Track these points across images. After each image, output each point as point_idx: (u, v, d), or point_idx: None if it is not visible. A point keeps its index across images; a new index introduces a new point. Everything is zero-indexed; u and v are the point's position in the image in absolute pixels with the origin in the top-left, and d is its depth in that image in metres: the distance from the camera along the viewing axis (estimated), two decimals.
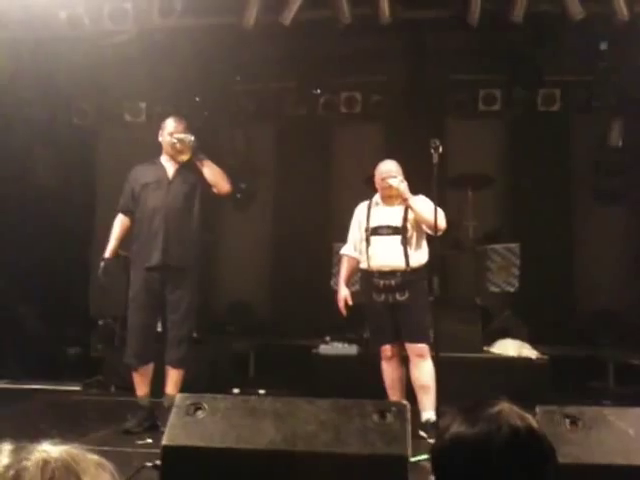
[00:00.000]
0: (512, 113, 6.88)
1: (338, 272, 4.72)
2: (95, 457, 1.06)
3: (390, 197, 4.46)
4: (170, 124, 4.70)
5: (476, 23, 5.41)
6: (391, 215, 4.43)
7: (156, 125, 7.13)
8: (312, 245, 6.98)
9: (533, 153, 7.08)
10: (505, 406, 1.27)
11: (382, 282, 4.32)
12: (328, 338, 6.03)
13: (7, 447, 1.03)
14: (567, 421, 2.82)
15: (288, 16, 5.51)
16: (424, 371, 4.20)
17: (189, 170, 4.64)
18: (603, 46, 6.12)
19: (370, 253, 4.40)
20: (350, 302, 4.48)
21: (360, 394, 4.96)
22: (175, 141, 4.47)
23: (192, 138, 4.52)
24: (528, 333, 5.90)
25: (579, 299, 7.02)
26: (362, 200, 4.75)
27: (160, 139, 4.74)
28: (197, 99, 7.13)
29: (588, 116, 6.92)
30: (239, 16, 5.59)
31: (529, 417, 1.26)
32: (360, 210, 4.60)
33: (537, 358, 5.54)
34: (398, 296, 4.27)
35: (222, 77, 7.03)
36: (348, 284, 4.57)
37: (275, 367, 6.18)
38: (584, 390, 5.64)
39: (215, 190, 4.62)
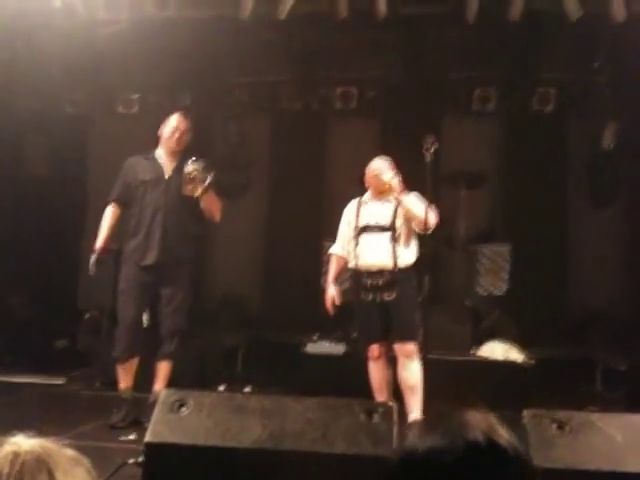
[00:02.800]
0: (507, 112, 6.85)
1: (327, 271, 4.67)
2: (70, 451, 1.02)
3: (382, 192, 4.40)
4: (173, 118, 4.68)
5: (473, 20, 5.39)
6: (380, 213, 4.38)
7: (149, 116, 7.16)
8: (305, 241, 6.93)
9: (528, 152, 7.03)
10: (476, 416, 1.10)
11: (370, 281, 4.28)
12: (315, 337, 6.00)
13: None
14: (554, 425, 2.80)
15: (284, 9, 5.47)
16: (411, 372, 4.16)
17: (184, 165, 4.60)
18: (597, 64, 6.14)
19: (358, 252, 4.36)
20: (337, 302, 4.43)
21: (347, 393, 4.91)
22: (191, 175, 4.32)
23: (210, 180, 4.36)
24: (517, 334, 5.88)
25: (570, 300, 6.99)
26: (356, 196, 4.71)
27: (162, 132, 4.68)
28: (191, 91, 7.06)
29: (583, 116, 6.89)
30: (235, 8, 5.54)
31: (500, 430, 1.09)
32: (349, 209, 4.55)
33: (524, 362, 5.52)
34: (386, 295, 4.23)
35: (217, 69, 6.96)
36: (336, 283, 4.52)
37: (263, 363, 6.14)
38: (571, 394, 5.61)
39: (205, 215, 4.56)
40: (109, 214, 4.62)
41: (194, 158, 4.37)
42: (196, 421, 2.89)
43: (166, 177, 4.61)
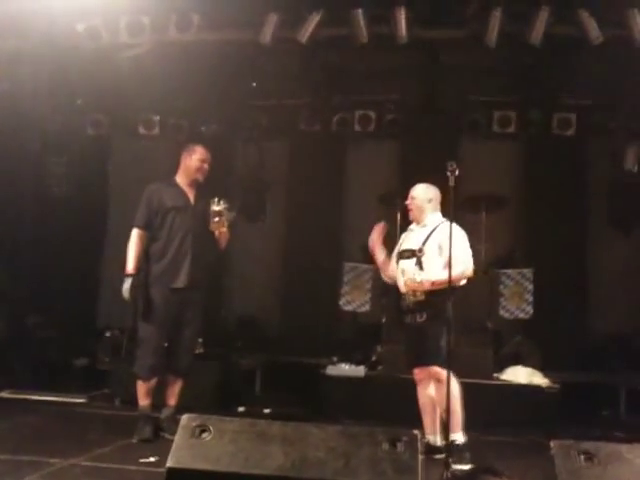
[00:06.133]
0: (527, 135, 6.84)
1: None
2: None
3: (414, 218, 4.49)
4: (199, 150, 4.77)
5: (494, 44, 5.40)
6: (414, 238, 4.42)
7: (169, 138, 7.23)
8: (323, 262, 6.94)
9: (548, 176, 7.01)
10: None
11: (405, 304, 4.34)
12: (335, 358, 5.99)
13: None
14: (582, 457, 2.75)
15: (305, 33, 5.52)
16: (444, 394, 4.10)
17: (203, 193, 4.78)
18: None
19: (398, 276, 4.43)
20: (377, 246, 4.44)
21: (367, 416, 4.95)
22: (220, 214, 4.54)
23: (233, 219, 4.65)
24: (540, 359, 5.82)
25: (592, 325, 6.92)
26: (374, 218, 4.75)
27: (186, 162, 4.77)
28: (211, 114, 7.14)
29: (604, 140, 6.86)
30: (256, 32, 5.60)
31: None
32: (402, 237, 4.65)
33: (548, 386, 5.46)
34: (418, 317, 4.26)
35: (237, 92, 7.03)
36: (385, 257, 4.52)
37: (282, 385, 6.13)
38: (595, 419, 5.55)
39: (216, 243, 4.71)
40: (137, 239, 4.68)
41: (217, 198, 4.57)
42: (218, 447, 2.86)
43: (192, 204, 4.77)
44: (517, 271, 5.96)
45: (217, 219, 4.53)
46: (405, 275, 4.28)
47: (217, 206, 4.52)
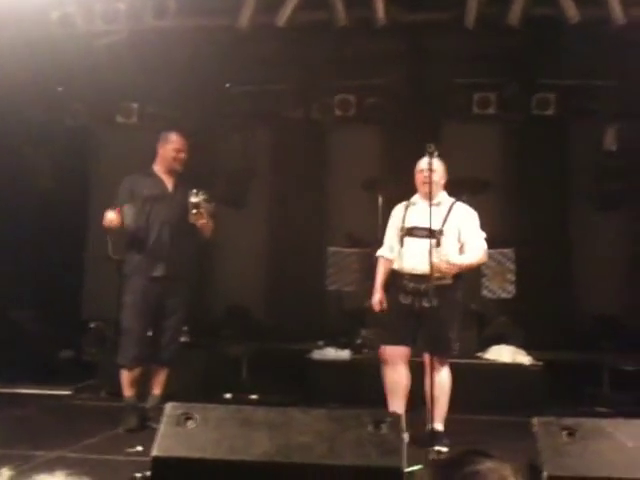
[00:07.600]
0: (507, 117, 6.84)
1: (374, 275, 4.42)
2: None
3: (427, 192, 4.14)
4: (174, 139, 4.71)
5: (472, 26, 5.39)
6: (426, 215, 4.05)
7: (148, 126, 7.16)
8: (308, 249, 6.94)
9: (530, 157, 7.05)
10: (487, 466, 1.12)
11: (412, 285, 4.13)
12: (321, 343, 6.02)
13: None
14: (564, 433, 2.78)
15: (283, 17, 5.47)
16: (438, 382, 4.05)
17: (184, 181, 4.73)
18: None
19: (403, 254, 4.22)
20: (385, 305, 4.24)
21: (353, 399, 4.99)
22: (198, 206, 4.46)
23: (212, 210, 4.59)
24: (524, 338, 5.87)
25: (576, 304, 6.99)
26: (358, 203, 4.72)
27: (160, 151, 4.72)
28: (191, 101, 7.07)
29: (584, 120, 6.89)
30: (234, 17, 5.54)
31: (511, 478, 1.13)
32: (397, 211, 4.42)
33: (531, 364, 5.51)
34: (425, 302, 4.07)
35: (217, 79, 6.97)
36: (383, 287, 4.31)
37: (268, 371, 6.14)
38: (579, 396, 5.61)
39: (199, 232, 4.68)
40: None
41: (196, 190, 4.48)
42: (203, 434, 2.87)
43: (170, 193, 4.73)
44: (498, 251, 5.97)
45: (195, 211, 4.47)
46: (432, 256, 3.97)
47: (195, 198, 4.44)
